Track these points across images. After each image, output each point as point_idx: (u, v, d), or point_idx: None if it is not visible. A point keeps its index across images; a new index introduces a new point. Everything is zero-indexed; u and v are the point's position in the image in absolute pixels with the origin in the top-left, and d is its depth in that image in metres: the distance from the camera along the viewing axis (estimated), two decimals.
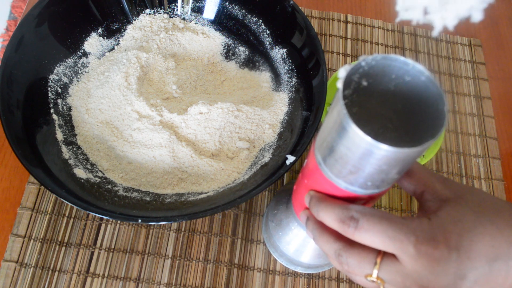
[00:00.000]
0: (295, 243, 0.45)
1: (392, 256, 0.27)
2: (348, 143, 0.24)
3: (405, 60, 0.25)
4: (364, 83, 0.27)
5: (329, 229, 0.30)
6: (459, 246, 0.26)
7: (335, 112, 0.25)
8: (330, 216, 0.28)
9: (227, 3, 0.58)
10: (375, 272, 0.27)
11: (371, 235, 0.26)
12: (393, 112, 0.29)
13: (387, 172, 0.25)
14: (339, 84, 0.24)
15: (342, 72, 0.25)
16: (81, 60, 0.54)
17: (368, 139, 0.23)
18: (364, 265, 0.27)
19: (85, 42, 0.55)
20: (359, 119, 0.30)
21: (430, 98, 0.26)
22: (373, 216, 0.26)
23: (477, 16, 0.33)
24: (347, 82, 0.25)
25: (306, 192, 0.33)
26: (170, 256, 0.49)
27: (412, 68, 0.25)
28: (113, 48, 0.57)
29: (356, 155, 0.25)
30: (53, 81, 0.51)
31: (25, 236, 0.48)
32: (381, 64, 0.26)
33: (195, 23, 0.60)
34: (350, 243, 0.28)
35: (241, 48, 0.59)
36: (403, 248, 0.25)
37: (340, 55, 0.66)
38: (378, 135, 0.30)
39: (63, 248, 0.48)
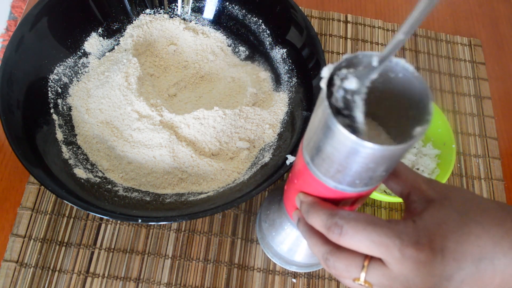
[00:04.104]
0: (289, 242, 0.45)
1: (379, 260, 0.27)
2: (334, 142, 0.24)
3: None
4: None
5: (318, 231, 0.30)
6: (444, 247, 0.26)
7: (320, 111, 0.25)
8: (317, 222, 0.29)
9: (227, 3, 0.58)
10: (362, 276, 0.27)
11: (355, 240, 0.26)
12: (381, 109, 0.29)
13: (374, 170, 0.25)
14: (323, 84, 0.24)
15: (325, 72, 0.25)
16: (81, 60, 0.54)
17: (353, 137, 0.23)
18: (352, 269, 0.28)
19: (85, 42, 0.55)
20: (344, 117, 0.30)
21: (417, 94, 0.25)
22: (358, 222, 0.26)
23: None
24: (331, 81, 0.25)
25: (297, 192, 0.33)
26: (170, 256, 0.49)
27: (395, 65, 0.25)
28: (113, 48, 0.57)
29: (342, 154, 0.25)
30: (53, 81, 0.51)
31: (25, 236, 0.48)
32: (363, 62, 0.25)
33: (195, 23, 0.60)
34: (338, 247, 0.29)
35: (241, 48, 0.59)
36: (388, 252, 0.26)
37: (340, 55, 0.66)
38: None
39: (63, 248, 0.48)
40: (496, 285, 0.27)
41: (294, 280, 0.49)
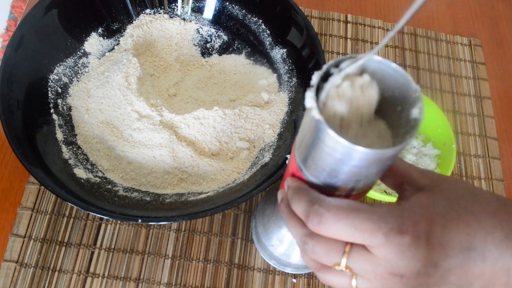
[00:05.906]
0: (284, 244, 0.45)
1: (362, 245, 0.26)
2: (325, 146, 0.24)
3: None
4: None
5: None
6: (430, 230, 0.25)
7: (310, 116, 0.24)
8: (298, 209, 0.27)
9: (227, 3, 0.58)
10: (343, 261, 0.26)
11: (337, 229, 0.25)
12: (375, 112, 0.29)
13: (367, 172, 0.25)
14: (312, 90, 0.24)
15: (314, 78, 0.24)
16: (81, 60, 0.54)
17: (344, 142, 0.22)
18: (332, 253, 0.26)
19: (85, 42, 0.55)
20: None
21: (404, 90, 0.25)
22: (339, 210, 0.25)
23: None
24: (321, 86, 0.25)
25: None
26: (170, 256, 0.49)
27: (372, 61, 0.25)
28: (113, 48, 0.57)
29: (334, 158, 0.24)
30: (53, 81, 0.51)
31: (25, 236, 0.48)
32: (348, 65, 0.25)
33: (195, 23, 0.60)
34: None
35: (241, 48, 0.59)
36: (372, 237, 0.24)
37: (340, 55, 0.66)
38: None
39: (63, 248, 0.48)
40: (486, 279, 0.25)
41: (294, 280, 0.49)
